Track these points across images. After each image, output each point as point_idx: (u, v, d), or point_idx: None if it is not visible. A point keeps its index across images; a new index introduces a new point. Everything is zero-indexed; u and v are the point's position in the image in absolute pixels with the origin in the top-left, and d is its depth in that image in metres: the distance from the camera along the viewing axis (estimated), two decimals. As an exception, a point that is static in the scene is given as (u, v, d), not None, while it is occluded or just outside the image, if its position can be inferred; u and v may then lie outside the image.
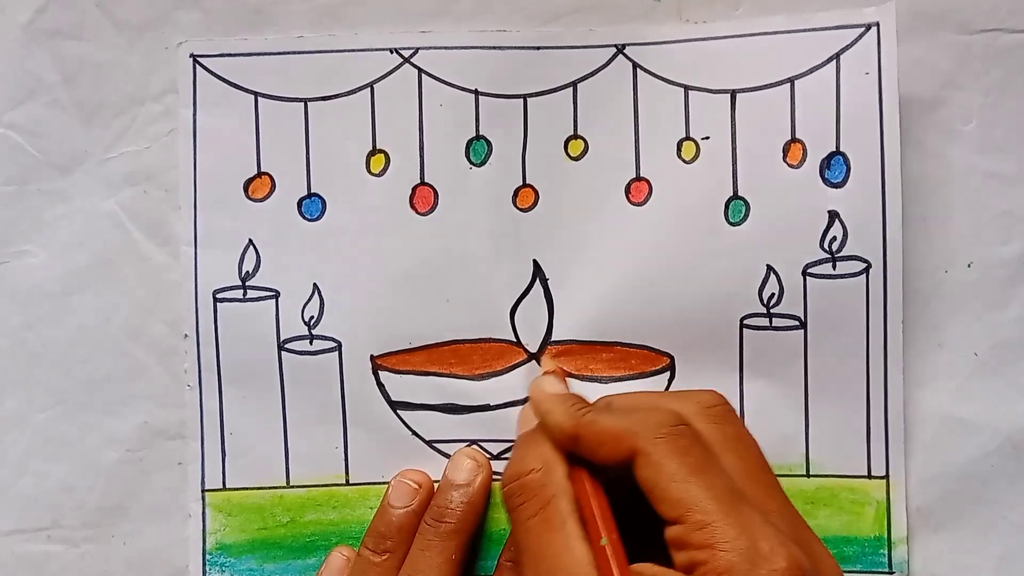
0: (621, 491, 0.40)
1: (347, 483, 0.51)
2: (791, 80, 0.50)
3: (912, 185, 0.50)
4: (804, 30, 0.50)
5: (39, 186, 0.52)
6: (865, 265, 0.50)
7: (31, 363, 0.52)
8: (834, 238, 0.50)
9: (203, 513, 0.51)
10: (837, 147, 0.50)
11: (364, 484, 0.51)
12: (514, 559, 0.49)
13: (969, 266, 0.51)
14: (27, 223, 0.52)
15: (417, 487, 0.50)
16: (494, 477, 0.51)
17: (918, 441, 0.50)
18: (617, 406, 0.45)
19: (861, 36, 0.50)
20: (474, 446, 0.51)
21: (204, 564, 0.51)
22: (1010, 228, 0.50)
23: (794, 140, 0.50)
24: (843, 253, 0.50)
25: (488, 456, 0.51)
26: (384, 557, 0.48)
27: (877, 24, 0.50)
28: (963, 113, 0.51)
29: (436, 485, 0.50)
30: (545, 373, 0.50)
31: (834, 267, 0.50)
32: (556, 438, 0.43)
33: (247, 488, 0.51)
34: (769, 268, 0.50)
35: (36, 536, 0.52)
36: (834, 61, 0.50)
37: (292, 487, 0.51)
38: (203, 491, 0.52)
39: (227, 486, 0.51)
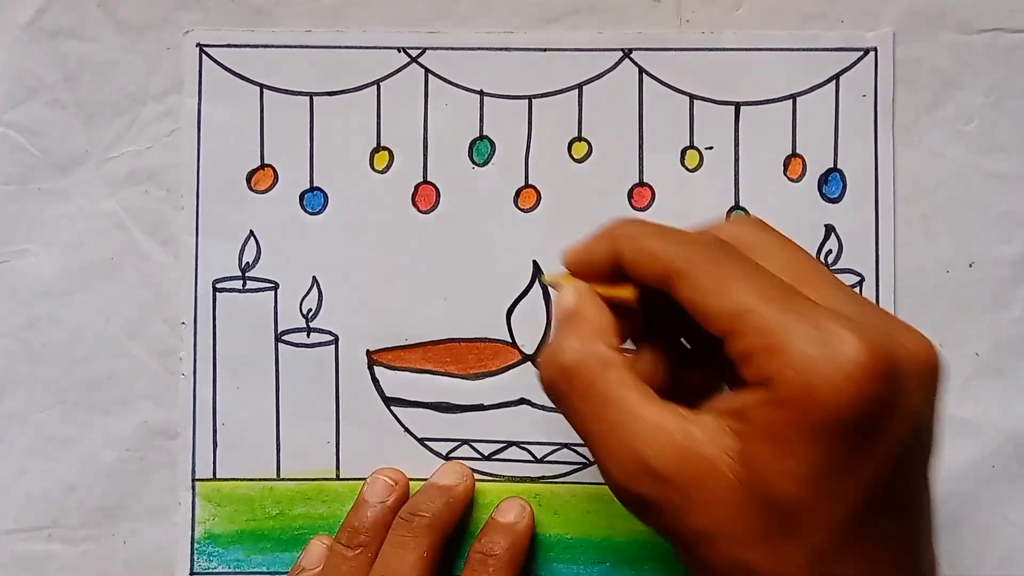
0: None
1: (337, 478, 0.51)
2: (793, 97, 0.51)
3: (912, 185, 0.51)
4: (807, 49, 0.51)
5: (40, 185, 0.52)
6: (859, 279, 0.51)
7: (31, 363, 0.52)
8: (830, 251, 0.51)
9: (192, 502, 0.51)
10: (835, 164, 0.51)
11: (354, 479, 0.51)
12: (484, 550, 0.48)
13: (970, 266, 0.51)
14: (27, 222, 0.52)
15: (393, 484, 0.50)
16: (483, 479, 0.51)
17: (917, 442, 0.50)
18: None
19: (860, 59, 0.51)
20: (460, 461, 0.52)
21: (192, 553, 0.51)
22: (1011, 228, 0.51)
23: (794, 155, 0.51)
24: (838, 266, 0.51)
25: (480, 456, 0.51)
26: (357, 552, 0.48)
27: (875, 49, 0.51)
28: (963, 113, 0.51)
29: (422, 486, 0.50)
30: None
31: (830, 279, 0.51)
32: (596, 259, 0.38)
33: (237, 479, 0.51)
34: (768, 277, 0.50)
35: (36, 535, 0.52)
36: (833, 81, 0.51)
37: (282, 479, 0.51)
38: (193, 480, 0.51)
39: (217, 476, 0.51)
